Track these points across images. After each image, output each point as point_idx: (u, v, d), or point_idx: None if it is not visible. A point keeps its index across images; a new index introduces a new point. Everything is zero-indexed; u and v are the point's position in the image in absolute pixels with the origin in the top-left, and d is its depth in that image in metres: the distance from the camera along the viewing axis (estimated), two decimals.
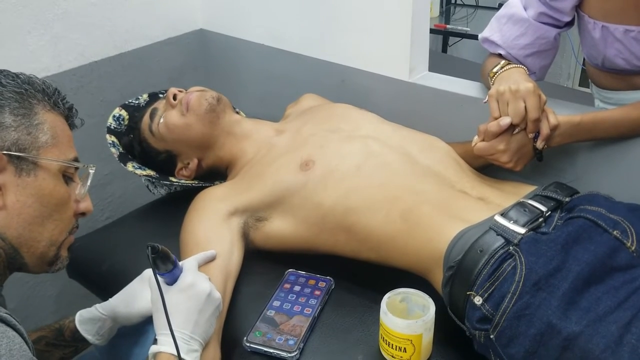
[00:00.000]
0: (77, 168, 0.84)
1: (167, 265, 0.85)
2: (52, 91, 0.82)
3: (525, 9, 1.22)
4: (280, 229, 1.09)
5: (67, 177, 0.82)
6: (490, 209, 0.99)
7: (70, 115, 0.85)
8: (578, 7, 1.20)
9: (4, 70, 0.79)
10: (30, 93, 0.79)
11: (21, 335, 0.64)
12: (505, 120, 1.03)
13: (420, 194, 1.02)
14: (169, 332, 0.79)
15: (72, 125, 0.86)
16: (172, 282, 0.87)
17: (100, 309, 0.95)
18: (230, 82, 1.75)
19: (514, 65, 1.15)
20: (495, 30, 1.27)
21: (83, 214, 0.85)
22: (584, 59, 1.39)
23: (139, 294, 0.93)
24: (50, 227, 0.79)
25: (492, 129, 1.04)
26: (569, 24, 1.24)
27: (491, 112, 1.06)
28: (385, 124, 1.22)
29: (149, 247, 0.81)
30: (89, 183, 0.86)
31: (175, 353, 0.78)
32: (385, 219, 1.00)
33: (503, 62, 1.17)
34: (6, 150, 0.74)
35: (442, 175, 1.09)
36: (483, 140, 1.07)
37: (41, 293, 1.54)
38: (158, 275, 0.84)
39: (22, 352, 0.62)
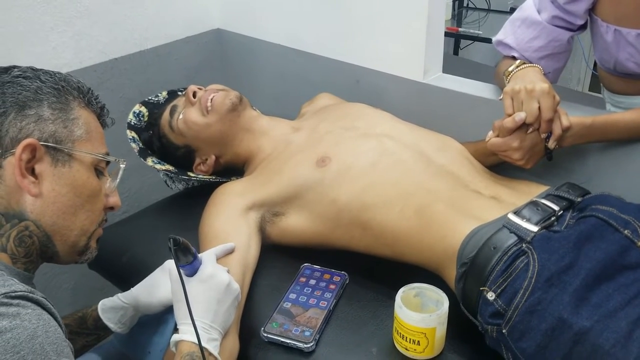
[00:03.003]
0: (108, 163, 0.87)
1: (187, 258, 0.87)
2: (87, 90, 0.86)
3: (539, 12, 1.24)
4: (296, 224, 1.11)
5: (98, 171, 0.86)
6: (503, 207, 1.01)
7: (102, 114, 0.89)
8: (591, 11, 1.21)
9: (42, 68, 0.83)
10: (67, 90, 0.82)
11: (55, 318, 0.67)
12: (521, 115, 1.04)
13: (434, 192, 1.04)
14: (190, 321, 0.81)
15: (103, 124, 0.89)
16: (192, 273, 0.90)
17: (123, 297, 0.98)
18: (246, 81, 1.77)
19: (529, 65, 1.15)
20: (509, 33, 1.29)
21: (112, 208, 0.89)
22: (594, 64, 1.41)
23: (160, 284, 0.96)
24: (82, 217, 0.82)
25: (507, 124, 1.06)
26: (582, 27, 1.25)
27: (505, 109, 1.08)
28: (400, 123, 1.23)
29: (171, 240, 0.84)
30: (118, 178, 0.89)
31: (197, 341, 0.81)
32: (400, 215, 1.02)
33: (518, 61, 1.17)
34: (44, 142, 0.77)
35: (456, 174, 1.10)
36: (497, 136, 1.09)
37: (58, 285, 1.56)
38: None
39: (57, 335, 0.64)
